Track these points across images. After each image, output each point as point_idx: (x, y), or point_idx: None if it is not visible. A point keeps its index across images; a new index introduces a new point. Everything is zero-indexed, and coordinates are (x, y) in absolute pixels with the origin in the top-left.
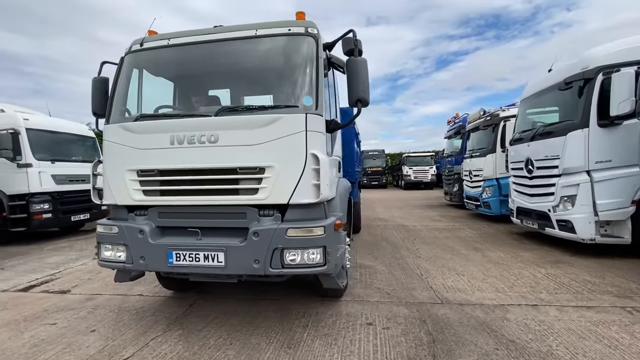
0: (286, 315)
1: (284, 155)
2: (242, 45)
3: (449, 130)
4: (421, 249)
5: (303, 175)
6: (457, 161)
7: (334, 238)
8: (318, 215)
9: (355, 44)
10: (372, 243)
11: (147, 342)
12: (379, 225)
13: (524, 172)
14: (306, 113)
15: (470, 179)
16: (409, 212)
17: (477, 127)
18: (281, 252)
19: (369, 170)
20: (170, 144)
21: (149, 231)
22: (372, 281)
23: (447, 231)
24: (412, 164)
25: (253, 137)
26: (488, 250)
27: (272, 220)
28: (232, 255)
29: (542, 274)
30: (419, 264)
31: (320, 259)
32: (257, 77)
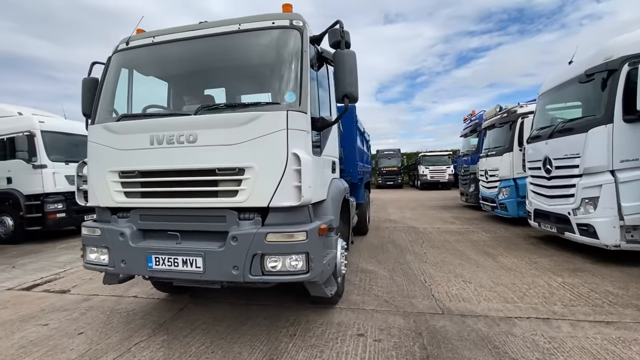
0: (275, 322)
1: (263, 155)
2: (225, 40)
3: (465, 128)
4: (429, 253)
5: (284, 176)
6: (473, 160)
7: (319, 244)
8: (302, 219)
9: (342, 36)
10: (378, 246)
11: (130, 348)
12: (388, 227)
13: (542, 172)
14: (287, 110)
15: (486, 179)
16: (422, 213)
17: (493, 125)
18: (261, 258)
19: (384, 170)
20: (150, 145)
21: (130, 234)
22: (371, 287)
23: (459, 234)
24: (429, 163)
25: (232, 137)
26: (501, 256)
27: (251, 224)
28: (211, 260)
29: (559, 283)
30: (423, 270)
31: (303, 265)
32: (241, 73)
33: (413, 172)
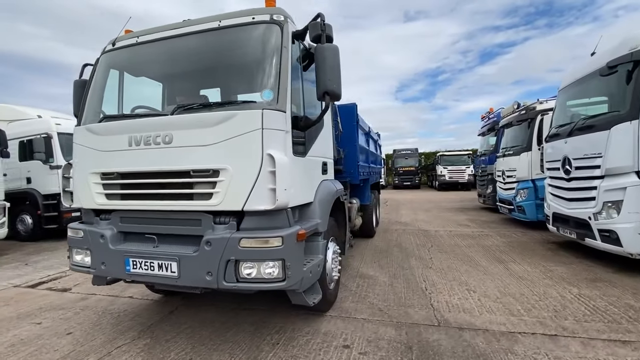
0: (261, 329)
1: (238, 156)
2: (205, 38)
3: (483, 127)
4: (435, 258)
5: (258, 178)
6: (490, 160)
7: (297, 250)
8: (280, 224)
9: (323, 30)
10: (383, 250)
11: (111, 351)
12: (397, 230)
13: (561, 173)
14: (263, 109)
15: (503, 180)
16: (436, 215)
17: (510, 123)
18: (235, 264)
19: (401, 170)
20: (129, 146)
21: (110, 236)
22: (367, 294)
23: (472, 238)
24: (447, 163)
25: (207, 137)
26: (513, 263)
27: (226, 228)
28: (185, 265)
29: (574, 294)
30: (426, 276)
31: (279, 273)
32: (221, 71)
33: (431, 172)
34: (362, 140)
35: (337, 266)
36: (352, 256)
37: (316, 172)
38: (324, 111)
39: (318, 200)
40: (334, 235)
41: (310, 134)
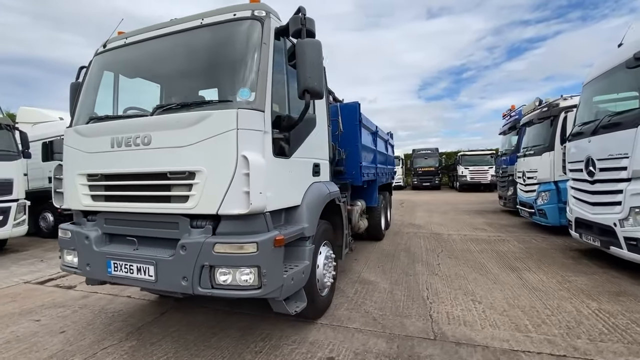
0: (247, 335)
1: (213, 158)
2: (189, 37)
3: (504, 125)
4: (443, 264)
5: (233, 181)
6: (511, 160)
7: (274, 256)
8: (258, 229)
9: (303, 24)
10: (389, 254)
11: (96, 352)
12: (408, 233)
13: (584, 175)
14: (238, 108)
15: (524, 182)
16: (452, 217)
17: (531, 121)
18: (210, 269)
19: (420, 170)
20: (111, 147)
21: (94, 238)
22: (364, 301)
23: (487, 243)
24: (469, 163)
25: (183, 138)
26: (528, 271)
27: (201, 232)
28: (162, 269)
29: (592, 309)
30: (430, 284)
31: (255, 280)
32: (204, 70)
33: (452, 172)
34: (366, 140)
35: (330, 272)
36: (356, 260)
37: (305, 173)
38: (305, 110)
39: (306, 204)
40: (328, 240)
41: (296, 134)
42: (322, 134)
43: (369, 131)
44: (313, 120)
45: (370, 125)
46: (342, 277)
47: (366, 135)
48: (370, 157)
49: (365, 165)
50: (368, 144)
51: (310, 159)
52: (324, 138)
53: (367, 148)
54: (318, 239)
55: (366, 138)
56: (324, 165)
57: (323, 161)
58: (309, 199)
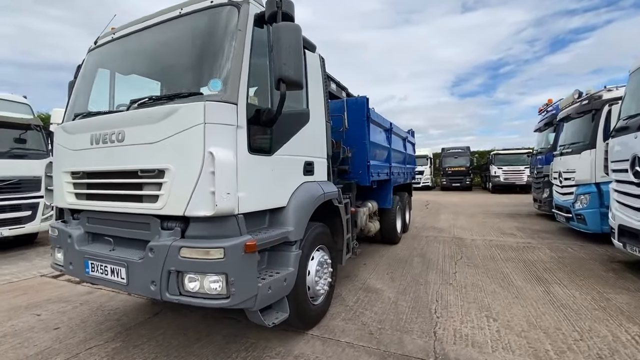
0: (232, 343)
1: (180, 155)
2: (169, 27)
3: (540, 122)
4: (460, 272)
5: (199, 180)
6: (547, 160)
7: (245, 263)
8: (229, 232)
9: (279, 6)
10: (402, 259)
11: (80, 352)
12: (427, 237)
13: (629, 176)
14: (205, 101)
15: (560, 183)
16: (480, 221)
17: (569, 116)
18: (178, 275)
19: (449, 170)
20: (90, 144)
21: (76, 236)
22: (364, 312)
23: (514, 250)
24: (503, 163)
25: (154, 134)
26: (558, 285)
27: (170, 235)
28: (133, 272)
29: (631, 335)
30: (441, 295)
31: (222, 289)
32: (181, 62)
33: (485, 173)
34: (376, 137)
35: (326, 279)
36: (365, 265)
37: (293, 172)
38: (281, 102)
39: (293, 205)
40: (324, 244)
41: (281, 129)
42: (318, 129)
43: (381, 128)
44: (304, 114)
45: (383, 122)
46: (345, 283)
47: (377, 132)
48: (382, 156)
49: (375, 164)
50: (379, 141)
51: (301, 156)
52: (321, 134)
53: (378, 146)
54: (309, 243)
55: (376, 135)
56: (320, 163)
57: (319, 159)
58: (297, 200)
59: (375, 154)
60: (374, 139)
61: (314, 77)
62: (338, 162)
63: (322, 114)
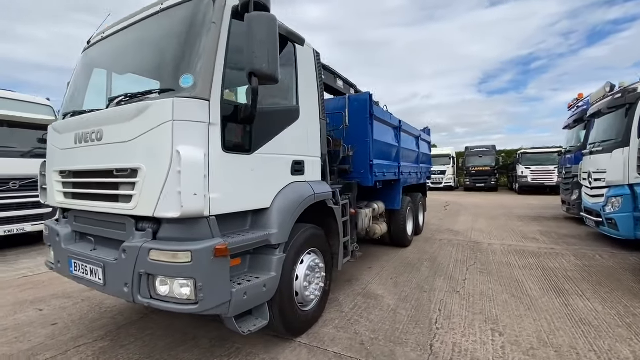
0: (217, 347)
1: (151, 153)
2: (150, 23)
3: (569, 118)
4: (470, 279)
5: (168, 179)
6: (576, 159)
7: (216, 267)
8: (200, 235)
9: None
10: (410, 264)
11: (68, 350)
12: (441, 240)
13: None
14: (175, 97)
15: (590, 184)
16: (501, 224)
17: (599, 111)
18: (149, 278)
19: (473, 170)
20: (74, 143)
21: (63, 235)
22: (359, 320)
23: (535, 256)
24: (530, 162)
25: (127, 132)
26: (579, 297)
27: (143, 236)
28: (109, 273)
29: None
30: (446, 304)
31: (191, 294)
32: (160, 58)
33: (512, 173)
34: (382, 135)
35: (318, 284)
36: (369, 268)
37: (279, 172)
38: (254, 97)
39: (277, 206)
40: (317, 247)
41: (264, 127)
42: (311, 127)
43: (387, 125)
44: (293, 111)
45: (390, 119)
46: (345, 287)
47: (382, 130)
48: (389, 155)
49: (380, 163)
50: (385, 139)
51: (289, 155)
52: (313, 132)
53: (384, 144)
54: (298, 246)
55: (382, 133)
56: (312, 162)
57: (310, 158)
58: (281, 201)
59: (380, 153)
60: (378, 137)
61: (306, 72)
62: (338, 161)
63: (316, 110)
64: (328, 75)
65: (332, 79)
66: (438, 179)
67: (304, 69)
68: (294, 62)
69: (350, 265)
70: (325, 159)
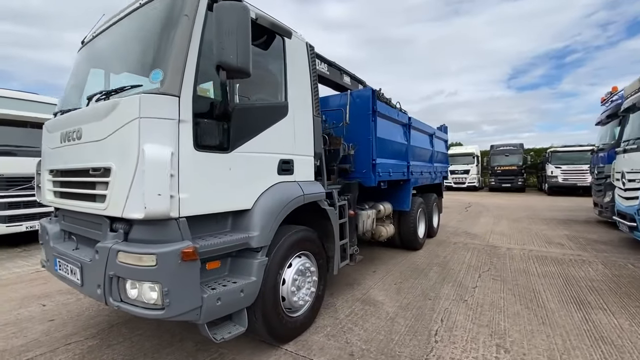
0: (200, 351)
1: (120, 152)
2: (131, 20)
3: (602, 113)
4: (481, 287)
5: (134, 179)
6: (609, 158)
7: (182, 272)
8: (170, 237)
9: None
10: (417, 268)
11: (58, 347)
12: (456, 243)
13: None
14: (142, 93)
15: (623, 185)
16: (523, 227)
17: (634, 105)
18: (119, 280)
19: (499, 169)
20: (60, 142)
21: (52, 234)
22: (353, 328)
23: (557, 264)
24: (561, 161)
25: (102, 130)
26: (603, 311)
27: (115, 237)
28: (85, 273)
29: None
30: (449, 314)
31: (158, 299)
32: (137, 54)
33: (541, 172)
34: (388, 133)
35: (309, 289)
36: (374, 272)
37: (262, 171)
38: (224, 92)
39: (260, 208)
40: (308, 250)
41: (245, 124)
42: (301, 124)
43: (395, 122)
44: (279, 107)
45: (398, 116)
46: (346, 292)
47: (388, 127)
48: (396, 153)
49: (384, 162)
50: (391, 137)
51: (275, 154)
52: (305, 129)
53: (390, 142)
54: (285, 249)
55: (388, 130)
56: (303, 162)
57: (301, 157)
58: (265, 202)
59: (385, 151)
60: (383, 135)
61: (297, 66)
62: (338, 160)
63: (308, 107)
64: (334, 72)
65: (338, 75)
66: (461, 179)
67: (295, 64)
68: (282, 56)
69: (354, 268)
70: (320, 158)
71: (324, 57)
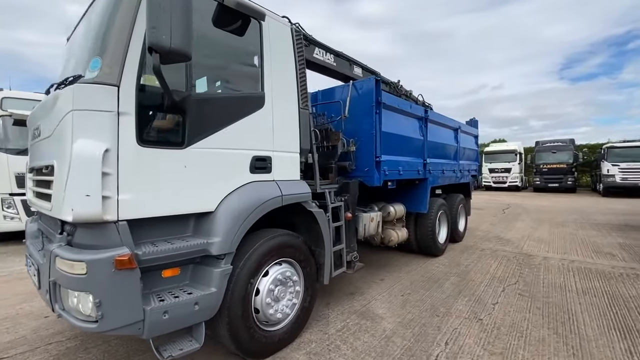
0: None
1: (59, 148)
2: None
3: None
4: (503, 304)
5: (69, 177)
6: None
7: (118, 281)
8: (110, 242)
9: None
10: (432, 278)
11: (40, 346)
12: (483, 250)
13: None
14: (75, 84)
15: None
16: (568, 232)
17: None
18: (59, 287)
19: (545, 167)
20: (31, 140)
21: (29, 233)
22: (340, 346)
23: (604, 278)
24: (620, 158)
25: (50, 125)
26: None
27: (61, 239)
28: (41, 276)
29: None
30: (458, 336)
31: (91, 311)
32: (89, 42)
33: (595, 171)
34: (397, 127)
35: (290, 299)
36: (382, 280)
37: (229, 169)
38: (160, 78)
39: (223, 210)
40: (290, 256)
41: (206, 116)
42: (282, 117)
43: (407, 115)
44: (252, 98)
45: (411, 109)
46: (344, 302)
47: (398, 121)
48: (408, 149)
49: (392, 159)
50: (402, 132)
51: (246, 150)
52: (287, 123)
53: (399, 137)
54: (259, 256)
55: (397, 124)
56: (284, 159)
57: (282, 153)
58: (230, 203)
59: (393, 148)
60: (390, 129)
61: (278, 53)
62: (337, 157)
63: (293, 98)
64: (342, 62)
65: (346, 66)
66: (501, 178)
67: (274, 50)
68: (258, 42)
69: (358, 275)
70: (308, 155)
71: (330, 47)
